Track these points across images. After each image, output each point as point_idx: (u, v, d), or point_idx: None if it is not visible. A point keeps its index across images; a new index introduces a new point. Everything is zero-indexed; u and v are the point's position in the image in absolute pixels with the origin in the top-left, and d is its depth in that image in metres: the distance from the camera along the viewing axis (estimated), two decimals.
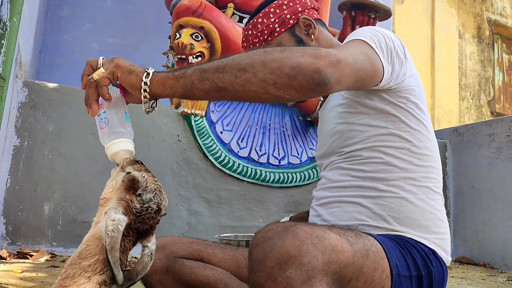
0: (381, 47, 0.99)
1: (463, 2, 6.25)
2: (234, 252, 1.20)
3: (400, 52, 1.04)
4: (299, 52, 0.83)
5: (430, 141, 1.09)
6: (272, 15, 1.23)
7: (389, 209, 1.02)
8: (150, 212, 0.83)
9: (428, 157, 1.07)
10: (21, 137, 2.19)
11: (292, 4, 1.24)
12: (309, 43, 1.22)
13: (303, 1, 1.25)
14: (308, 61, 0.81)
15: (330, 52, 0.85)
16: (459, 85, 6.05)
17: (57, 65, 3.79)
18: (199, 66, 0.86)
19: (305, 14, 1.23)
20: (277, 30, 1.23)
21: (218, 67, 0.84)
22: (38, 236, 2.17)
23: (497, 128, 3.04)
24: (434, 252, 1.01)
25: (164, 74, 0.88)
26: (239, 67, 0.82)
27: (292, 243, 0.77)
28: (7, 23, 1.58)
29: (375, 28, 1.05)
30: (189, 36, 2.49)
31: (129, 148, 0.91)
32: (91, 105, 0.91)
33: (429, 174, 1.06)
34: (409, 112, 1.07)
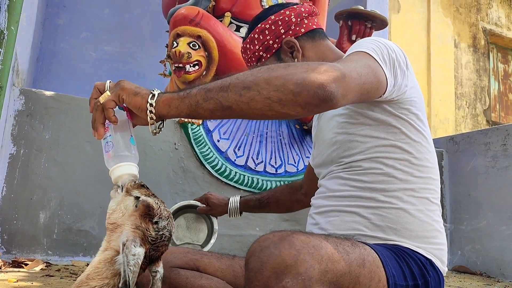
0: (384, 59, 0.99)
1: (459, 12, 6.31)
2: (230, 262, 1.20)
3: (402, 63, 1.04)
4: (303, 67, 0.83)
5: (429, 153, 1.10)
6: (256, 42, 1.22)
7: (387, 219, 1.02)
8: (164, 240, 0.84)
9: (427, 168, 1.07)
10: (17, 145, 2.18)
11: (274, 28, 1.21)
12: None
13: (286, 21, 1.21)
14: (313, 77, 0.81)
15: (335, 67, 0.84)
16: (455, 94, 6.08)
17: (55, 73, 3.79)
18: (204, 86, 0.86)
19: (289, 35, 1.21)
20: (264, 56, 1.22)
21: (222, 86, 0.84)
22: (33, 245, 2.16)
23: (492, 137, 3.06)
24: (431, 261, 1.02)
25: (169, 94, 0.88)
26: (243, 86, 0.82)
27: (289, 252, 0.77)
28: (4, 32, 1.59)
29: (377, 39, 1.05)
30: (187, 44, 2.50)
31: (133, 172, 0.92)
32: (97, 128, 0.91)
33: (428, 185, 1.07)
34: (410, 124, 1.07)
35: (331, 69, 0.83)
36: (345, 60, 0.95)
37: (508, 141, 2.95)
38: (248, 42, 1.24)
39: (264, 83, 0.81)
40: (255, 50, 1.23)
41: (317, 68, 0.82)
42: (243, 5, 2.89)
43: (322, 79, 0.81)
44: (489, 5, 6.68)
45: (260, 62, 1.24)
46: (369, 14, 2.88)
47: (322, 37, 1.26)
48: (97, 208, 2.28)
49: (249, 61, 1.26)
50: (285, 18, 1.20)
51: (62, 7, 3.92)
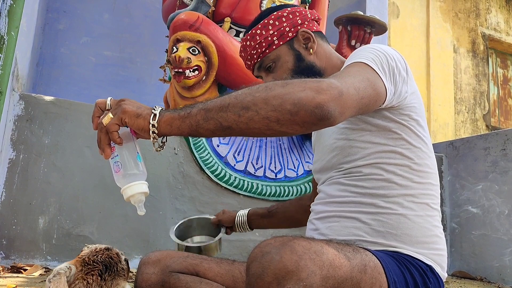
0: (383, 68, 0.99)
1: (458, 17, 6.33)
2: (229, 267, 1.20)
3: (402, 70, 1.04)
4: (300, 86, 0.83)
5: (429, 158, 1.10)
6: (271, 27, 1.21)
7: (387, 225, 1.02)
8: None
9: (427, 174, 1.07)
10: (16, 150, 2.18)
11: (292, 17, 1.22)
12: (307, 57, 1.21)
13: (303, 13, 1.23)
14: (310, 96, 0.81)
15: (332, 85, 0.84)
16: (454, 99, 6.09)
17: (54, 78, 3.79)
18: (204, 105, 0.86)
19: (304, 27, 1.22)
20: (276, 43, 1.21)
21: (221, 106, 0.84)
22: (32, 250, 2.15)
23: (492, 142, 3.06)
24: (431, 268, 1.01)
25: (170, 114, 0.88)
26: (241, 106, 0.83)
27: (290, 258, 0.77)
28: (4, 37, 1.59)
29: (376, 46, 1.05)
30: (186, 50, 2.50)
31: (144, 190, 0.94)
32: (104, 149, 0.92)
33: (428, 191, 1.07)
34: (411, 130, 1.07)
35: (329, 87, 0.83)
36: (343, 73, 0.94)
37: (507, 146, 2.95)
38: (261, 27, 1.22)
39: (262, 103, 0.82)
40: (268, 35, 1.21)
41: (315, 86, 0.83)
42: (243, 11, 2.90)
43: (319, 98, 0.81)
44: (488, 11, 6.70)
45: (270, 49, 1.21)
46: (369, 20, 2.89)
47: (326, 40, 1.29)
48: (97, 213, 2.28)
49: (255, 47, 1.22)
50: (302, 11, 1.24)
51: (62, 12, 3.93)
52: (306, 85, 0.83)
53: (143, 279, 1.13)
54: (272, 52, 1.22)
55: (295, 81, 0.84)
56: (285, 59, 1.21)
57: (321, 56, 1.23)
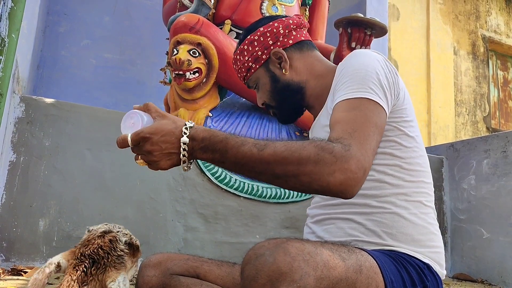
0: (380, 92, 1.00)
1: (458, 19, 6.33)
2: (230, 269, 1.20)
3: (390, 78, 1.04)
4: (330, 168, 0.85)
5: (421, 157, 1.11)
6: (246, 53, 1.24)
7: (382, 225, 1.03)
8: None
9: (419, 172, 1.08)
10: (17, 153, 2.18)
11: (262, 39, 1.23)
12: (282, 77, 1.22)
13: (274, 32, 1.23)
14: (337, 182, 0.85)
15: (359, 164, 0.86)
16: (454, 101, 6.10)
17: (55, 80, 3.80)
18: (235, 159, 0.90)
19: (278, 45, 1.22)
20: (253, 67, 1.25)
21: (255, 171, 0.90)
22: (32, 252, 2.15)
23: (493, 144, 3.06)
24: (428, 266, 1.02)
25: (202, 155, 0.93)
26: (272, 174, 0.88)
27: (283, 259, 0.77)
28: (5, 39, 1.59)
29: (363, 65, 1.03)
30: (187, 52, 2.50)
31: None
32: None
33: (420, 189, 1.08)
34: (402, 131, 1.08)
35: (357, 168, 0.86)
36: (357, 130, 0.93)
37: (508, 148, 2.95)
38: (238, 53, 1.27)
39: (292, 177, 0.87)
40: (244, 61, 1.25)
41: (344, 168, 0.85)
42: (243, 13, 2.91)
43: (347, 184, 0.85)
44: (488, 13, 6.71)
45: (249, 72, 1.26)
46: (369, 22, 2.89)
47: (310, 48, 1.27)
48: (97, 216, 2.28)
49: (239, 71, 1.29)
50: (273, 29, 1.23)
51: (62, 15, 3.94)
52: (336, 166, 0.85)
53: (144, 282, 1.13)
54: (252, 76, 1.26)
55: (327, 157, 0.85)
56: (263, 81, 1.25)
57: (300, 70, 1.23)
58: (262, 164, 0.88)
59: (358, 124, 0.93)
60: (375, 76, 1.01)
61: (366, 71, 1.02)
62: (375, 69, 1.02)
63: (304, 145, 0.88)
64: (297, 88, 1.23)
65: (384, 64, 1.05)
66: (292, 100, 1.25)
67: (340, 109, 0.99)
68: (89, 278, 0.86)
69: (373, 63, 1.04)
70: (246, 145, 0.90)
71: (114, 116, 2.42)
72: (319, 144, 0.87)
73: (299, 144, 0.88)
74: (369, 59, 1.05)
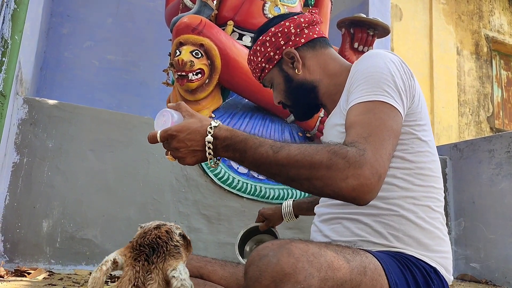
0: (396, 95, 0.99)
1: (461, 19, 6.32)
2: (234, 269, 1.20)
3: (409, 84, 1.03)
4: (343, 173, 0.85)
5: (433, 162, 1.08)
6: (259, 54, 1.25)
7: (388, 227, 1.02)
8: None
9: (429, 177, 1.06)
10: (20, 154, 2.19)
11: (274, 39, 1.22)
12: (296, 77, 1.22)
13: (285, 32, 1.22)
14: (350, 188, 0.85)
15: (373, 169, 0.85)
16: (458, 101, 6.08)
17: (58, 82, 3.80)
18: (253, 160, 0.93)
19: (290, 45, 1.22)
20: (267, 67, 1.25)
21: (271, 173, 0.93)
22: (36, 253, 2.15)
23: (496, 144, 3.04)
24: (435, 270, 1.00)
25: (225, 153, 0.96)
26: (287, 176, 0.90)
27: (287, 260, 0.77)
28: (8, 41, 1.59)
29: (379, 67, 1.02)
30: (189, 53, 2.50)
31: None
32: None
33: (430, 193, 1.06)
34: (415, 135, 1.06)
35: (371, 174, 0.85)
36: (371, 132, 0.92)
37: None
38: (252, 53, 1.27)
39: (305, 181, 0.88)
40: (258, 62, 1.25)
41: (357, 174, 0.85)
42: (245, 14, 2.91)
43: (360, 191, 0.85)
44: (491, 13, 6.69)
45: (264, 73, 1.26)
46: (371, 22, 2.88)
47: (323, 46, 1.25)
48: (100, 217, 2.28)
49: (253, 71, 1.29)
50: (284, 29, 1.22)
51: (65, 17, 3.95)
52: (349, 171, 0.85)
53: None
54: (266, 76, 1.27)
55: (340, 162, 0.85)
56: (277, 81, 1.25)
57: (313, 69, 1.22)
58: (277, 166, 0.89)
59: (373, 128, 0.92)
60: (390, 79, 0.99)
61: (381, 73, 1.00)
62: (391, 71, 1.00)
63: (318, 149, 0.88)
64: (311, 87, 1.22)
65: (400, 66, 1.03)
66: (306, 99, 1.24)
67: (355, 112, 0.97)
68: (152, 266, 0.86)
69: (388, 65, 1.02)
70: (264, 147, 0.91)
71: (117, 118, 2.42)
72: (333, 148, 0.87)
73: (313, 148, 0.88)
74: (385, 61, 1.03)
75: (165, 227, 0.92)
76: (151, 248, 0.87)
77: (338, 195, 0.87)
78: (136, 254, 0.87)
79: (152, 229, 0.92)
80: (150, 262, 0.85)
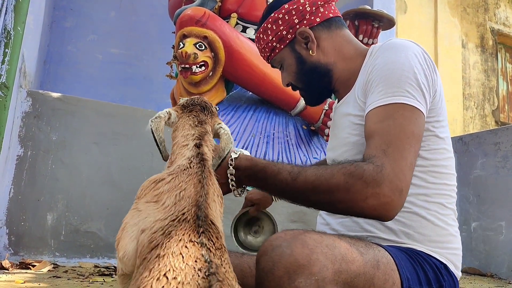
0: (417, 95, 0.94)
1: (466, 12, 6.26)
2: (238, 261, 1.19)
3: (432, 79, 0.98)
4: (362, 194, 0.84)
5: (448, 159, 1.05)
6: (270, 32, 1.16)
7: (399, 223, 0.99)
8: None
9: (443, 174, 1.03)
10: (24, 147, 2.19)
11: (288, 17, 1.14)
12: (309, 59, 1.14)
13: (300, 10, 1.13)
14: (371, 207, 0.85)
15: (393, 186, 0.84)
16: (463, 95, 6.04)
17: (61, 75, 3.80)
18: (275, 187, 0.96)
19: (303, 25, 1.13)
20: (278, 47, 1.17)
21: (294, 198, 0.94)
22: (40, 246, 2.16)
23: (502, 137, 3.02)
24: (446, 266, 0.99)
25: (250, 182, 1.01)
26: (308, 201, 0.92)
27: (302, 251, 0.75)
28: (11, 32, 1.59)
29: (400, 62, 0.96)
30: (193, 45, 2.48)
31: None
32: None
33: (442, 191, 1.03)
34: (433, 132, 1.02)
35: (390, 191, 0.84)
36: (391, 142, 0.89)
37: None
38: (261, 31, 1.18)
39: (327, 204, 0.90)
40: (268, 41, 1.17)
41: (376, 192, 0.84)
42: (249, 6, 2.88)
43: (381, 210, 0.85)
44: (497, 5, 6.63)
45: (274, 53, 1.18)
46: (376, 14, 2.86)
47: (339, 26, 1.18)
48: (104, 210, 2.28)
49: (262, 51, 1.21)
50: (299, 7, 1.14)
51: (69, 10, 3.94)
52: (368, 191, 0.84)
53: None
54: (276, 56, 1.18)
55: (357, 184, 0.85)
56: (288, 62, 1.17)
57: (328, 51, 1.14)
58: (298, 193, 0.91)
59: (392, 137, 0.89)
60: (412, 76, 0.94)
61: (402, 69, 0.95)
62: (413, 67, 0.95)
63: (334, 172, 0.87)
64: (325, 71, 1.14)
65: (422, 59, 0.98)
66: (320, 83, 1.17)
67: (374, 118, 0.93)
68: (205, 118, 1.01)
69: (410, 59, 0.96)
70: (282, 174, 0.92)
71: (120, 111, 2.42)
72: (348, 170, 0.86)
73: (329, 172, 0.88)
74: (406, 54, 0.97)
75: (205, 98, 1.11)
76: (201, 107, 1.03)
77: (362, 215, 0.88)
78: (189, 110, 1.02)
79: (197, 97, 1.09)
80: (203, 114, 1.02)
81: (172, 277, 0.63)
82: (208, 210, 0.81)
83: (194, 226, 0.75)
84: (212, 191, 0.87)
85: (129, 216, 0.90)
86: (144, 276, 0.65)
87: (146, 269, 0.68)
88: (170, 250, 0.68)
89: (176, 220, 0.77)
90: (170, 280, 0.62)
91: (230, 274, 0.69)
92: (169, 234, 0.73)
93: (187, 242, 0.70)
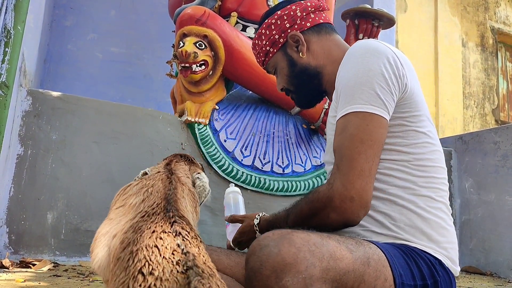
0: (371, 99, 0.97)
1: (466, 10, 6.26)
2: (239, 259, 1.20)
3: (398, 74, 1.00)
4: (324, 213, 0.97)
5: (433, 152, 1.06)
6: (264, 37, 1.24)
7: (388, 217, 1.01)
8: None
9: (430, 167, 1.05)
10: (24, 146, 2.19)
11: (279, 22, 1.21)
12: (299, 61, 1.21)
13: (291, 15, 1.21)
14: (336, 220, 0.96)
15: (342, 197, 0.94)
16: (463, 94, 6.04)
17: (61, 74, 3.80)
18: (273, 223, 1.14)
19: (295, 28, 1.20)
20: (271, 51, 1.24)
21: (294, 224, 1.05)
22: (41, 245, 2.16)
23: (502, 136, 3.02)
24: (440, 261, 0.99)
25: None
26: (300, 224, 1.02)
27: (288, 250, 0.76)
28: (11, 31, 1.59)
29: (355, 71, 1.00)
30: (193, 44, 2.49)
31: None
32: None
33: (431, 184, 1.04)
34: (409, 127, 1.04)
35: (342, 203, 0.94)
36: (343, 158, 0.98)
37: None
38: (257, 37, 1.26)
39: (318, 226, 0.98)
40: (262, 45, 1.24)
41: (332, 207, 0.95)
42: (249, 5, 2.89)
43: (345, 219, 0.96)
44: (497, 4, 6.63)
45: (268, 57, 1.25)
46: (376, 13, 2.86)
47: (329, 32, 1.24)
48: (104, 209, 2.28)
49: (257, 56, 1.28)
50: (290, 12, 1.21)
51: (69, 9, 3.94)
52: (327, 209, 0.96)
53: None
54: (270, 60, 1.26)
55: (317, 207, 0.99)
56: (281, 66, 1.24)
57: (317, 53, 1.21)
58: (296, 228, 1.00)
59: (344, 149, 0.97)
60: (365, 81, 0.97)
61: (356, 77, 0.99)
62: (367, 71, 0.98)
63: (301, 204, 1.03)
64: (314, 73, 1.21)
65: (383, 57, 1.00)
66: (310, 85, 1.23)
67: (336, 132, 1.03)
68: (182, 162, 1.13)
69: (366, 63, 0.99)
70: (281, 223, 1.09)
71: (121, 110, 2.42)
72: (309, 198, 1.01)
73: (299, 206, 1.04)
74: (363, 60, 1.00)
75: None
76: (180, 156, 1.14)
77: (337, 228, 0.98)
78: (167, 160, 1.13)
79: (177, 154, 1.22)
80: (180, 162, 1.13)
81: (148, 272, 0.59)
82: (178, 205, 0.81)
83: (166, 217, 0.74)
84: (181, 188, 0.89)
85: (101, 226, 0.90)
86: (121, 277, 0.63)
87: (121, 269, 0.65)
88: (143, 243, 0.65)
89: (146, 216, 0.76)
90: (147, 276, 0.59)
91: (209, 263, 0.68)
92: (140, 229, 0.71)
93: (160, 233, 0.68)
